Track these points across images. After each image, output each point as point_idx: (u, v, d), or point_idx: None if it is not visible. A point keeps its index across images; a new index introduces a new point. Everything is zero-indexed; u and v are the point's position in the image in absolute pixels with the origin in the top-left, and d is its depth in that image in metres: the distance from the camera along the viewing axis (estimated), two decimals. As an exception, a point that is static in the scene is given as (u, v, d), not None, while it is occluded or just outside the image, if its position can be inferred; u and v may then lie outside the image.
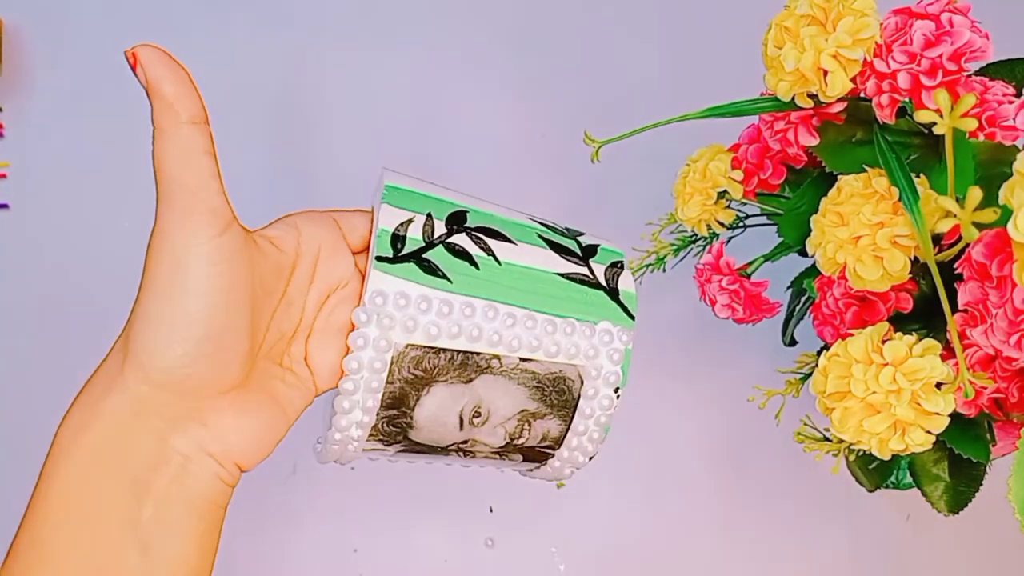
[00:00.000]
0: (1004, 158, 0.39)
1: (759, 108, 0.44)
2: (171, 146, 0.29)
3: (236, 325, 0.30)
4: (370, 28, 0.73)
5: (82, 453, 0.29)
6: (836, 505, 0.61)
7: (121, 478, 0.29)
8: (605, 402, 0.37)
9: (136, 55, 0.29)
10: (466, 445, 0.37)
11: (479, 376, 0.35)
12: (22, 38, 0.70)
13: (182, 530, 0.30)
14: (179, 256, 0.29)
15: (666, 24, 0.74)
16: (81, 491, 0.29)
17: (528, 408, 0.36)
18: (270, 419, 0.32)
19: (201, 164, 0.29)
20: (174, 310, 0.29)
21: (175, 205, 0.29)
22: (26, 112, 0.69)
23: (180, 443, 0.30)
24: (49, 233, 0.66)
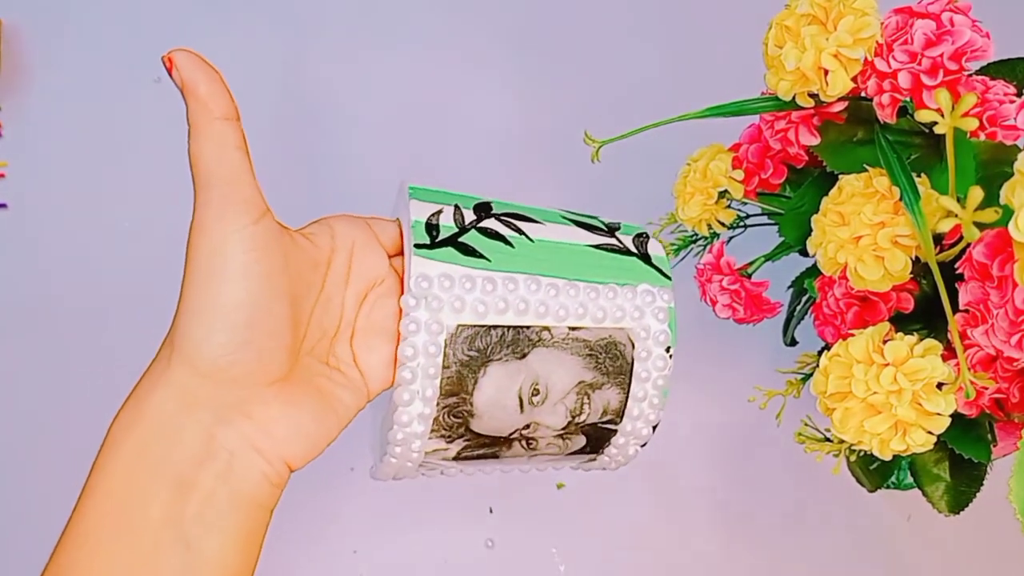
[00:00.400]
0: (1005, 158, 0.39)
1: (760, 107, 0.44)
2: (205, 141, 0.30)
3: (276, 313, 0.31)
4: (370, 28, 0.73)
5: (129, 448, 0.29)
6: (837, 505, 0.61)
7: (166, 474, 0.29)
8: (660, 363, 0.37)
9: (172, 59, 0.31)
10: (528, 431, 0.37)
11: (532, 350, 0.35)
12: (22, 38, 0.70)
13: (225, 529, 0.30)
14: (217, 245, 0.30)
15: (666, 24, 0.74)
16: (127, 486, 0.29)
17: (585, 379, 0.36)
18: (317, 414, 0.32)
19: (234, 158, 0.30)
20: (214, 298, 0.29)
21: (211, 197, 0.30)
22: (25, 112, 0.69)
23: (226, 438, 0.30)
24: (48, 233, 0.66)
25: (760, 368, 0.51)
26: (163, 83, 0.70)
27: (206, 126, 0.30)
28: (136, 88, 0.70)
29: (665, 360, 0.37)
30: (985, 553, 0.60)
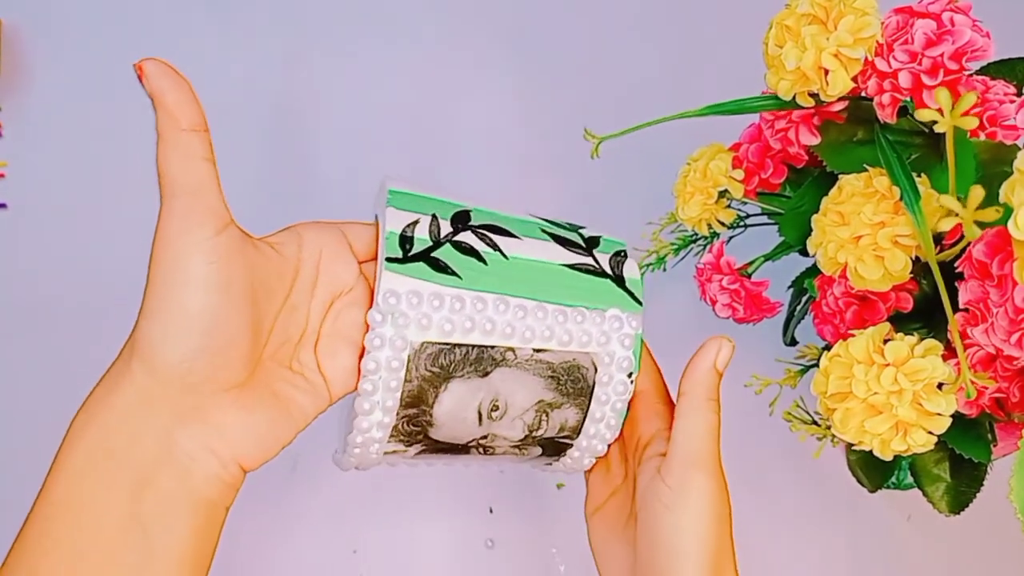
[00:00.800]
0: (1005, 157, 0.39)
1: (760, 107, 0.44)
2: (172, 151, 0.31)
3: (235, 322, 0.31)
4: (370, 28, 0.73)
5: (89, 443, 0.30)
6: (837, 506, 0.61)
7: (127, 470, 0.30)
8: (620, 388, 0.37)
9: (142, 67, 0.31)
10: (486, 440, 0.37)
11: (495, 369, 0.36)
12: (21, 38, 0.70)
13: (182, 526, 0.31)
14: (179, 254, 0.30)
15: (667, 23, 0.73)
16: (87, 480, 0.30)
17: (545, 398, 0.37)
18: (273, 419, 0.33)
19: (199, 168, 0.31)
20: (174, 305, 0.30)
21: (175, 206, 0.31)
22: (25, 112, 0.69)
23: (184, 440, 0.31)
24: (48, 233, 0.66)
25: (760, 368, 0.51)
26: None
27: (173, 136, 0.31)
28: (136, 88, 0.70)
29: (626, 385, 0.37)
30: (985, 553, 0.60)
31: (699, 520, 0.36)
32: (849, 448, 0.50)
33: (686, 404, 0.37)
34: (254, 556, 0.60)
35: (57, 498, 0.30)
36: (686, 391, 0.37)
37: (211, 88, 0.71)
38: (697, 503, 0.35)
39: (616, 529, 0.40)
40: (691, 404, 0.37)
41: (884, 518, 0.61)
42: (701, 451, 0.36)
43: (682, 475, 0.36)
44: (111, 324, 0.64)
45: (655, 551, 0.36)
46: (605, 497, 0.41)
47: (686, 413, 0.37)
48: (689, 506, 0.35)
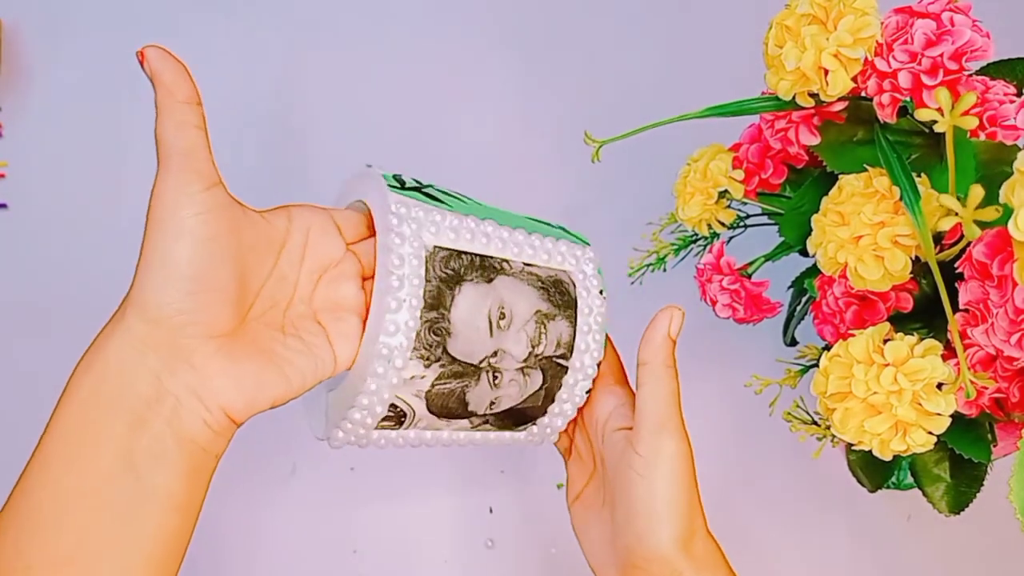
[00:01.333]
0: (1005, 157, 0.39)
1: (760, 107, 0.44)
2: (168, 119, 0.34)
3: (221, 271, 0.34)
4: (369, 28, 0.73)
5: (87, 387, 0.33)
6: (837, 506, 0.61)
7: (120, 411, 0.32)
8: (596, 302, 0.42)
9: (144, 53, 0.34)
10: (495, 359, 0.40)
11: (497, 277, 0.40)
12: (21, 38, 0.70)
13: (172, 465, 0.33)
14: (170, 206, 0.33)
15: (666, 24, 0.74)
16: (84, 420, 0.32)
17: (541, 308, 0.41)
18: (259, 371, 0.35)
19: (192, 134, 0.34)
20: (165, 253, 0.33)
21: (169, 167, 0.33)
22: (25, 111, 0.69)
23: (172, 384, 0.33)
24: (48, 232, 0.66)
25: (760, 368, 0.51)
26: (163, 83, 0.71)
27: (169, 106, 0.34)
28: (136, 88, 0.70)
29: (600, 300, 0.42)
30: (985, 553, 0.60)
31: (672, 483, 0.38)
32: (849, 448, 0.50)
33: (647, 373, 0.40)
34: (254, 555, 0.60)
35: (53, 443, 0.32)
36: (645, 360, 0.40)
37: (211, 88, 0.71)
38: (668, 466, 0.38)
39: (594, 510, 0.43)
40: (652, 372, 0.39)
41: (884, 518, 0.61)
42: (667, 415, 0.39)
43: (652, 442, 0.39)
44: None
45: (632, 518, 0.39)
46: (582, 484, 0.44)
47: (648, 381, 0.39)
48: (661, 470, 0.38)
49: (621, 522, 0.40)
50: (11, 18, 0.70)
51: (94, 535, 0.32)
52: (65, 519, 0.32)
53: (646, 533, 0.38)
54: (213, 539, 0.60)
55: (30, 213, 0.67)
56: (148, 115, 0.32)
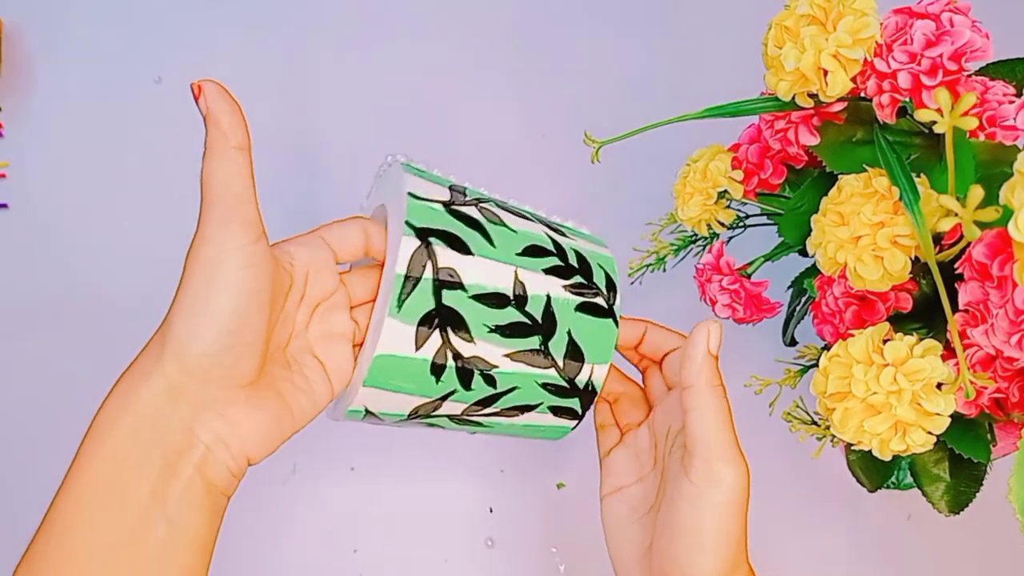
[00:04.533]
0: (1004, 158, 0.39)
1: (759, 108, 0.44)
2: (220, 164, 0.34)
3: (257, 324, 0.35)
4: (369, 28, 0.73)
5: (121, 432, 0.33)
6: (837, 505, 0.61)
7: (156, 457, 0.33)
8: None
9: (202, 88, 0.34)
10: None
11: None
12: (22, 38, 0.70)
13: (199, 510, 0.34)
14: (217, 257, 0.33)
15: (666, 24, 0.74)
16: (119, 464, 0.33)
17: None
18: (277, 416, 0.36)
19: (243, 182, 0.35)
20: (209, 304, 0.33)
21: (217, 214, 0.34)
22: (26, 112, 0.69)
23: (203, 433, 0.34)
24: (48, 233, 0.66)
25: (759, 368, 0.51)
26: (163, 83, 0.71)
27: (223, 152, 0.34)
28: (137, 88, 0.70)
29: None
30: (985, 553, 0.60)
31: (722, 515, 0.37)
32: (848, 448, 0.50)
33: (693, 397, 0.38)
34: (254, 555, 0.60)
35: (88, 482, 0.33)
36: (689, 383, 0.38)
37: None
38: (722, 498, 0.37)
39: (638, 513, 0.42)
40: (698, 396, 0.37)
41: (884, 518, 0.61)
42: (719, 442, 0.37)
43: (705, 471, 0.37)
44: (110, 322, 0.64)
45: (674, 542, 0.37)
46: (630, 481, 0.43)
47: (695, 406, 0.38)
48: (713, 501, 0.37)
49: (663, 541, 0.38)
50: (12, 18, 0.70)
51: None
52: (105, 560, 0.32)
53: (687, 562, 0.37)
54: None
55: (30, 213, 0.67)
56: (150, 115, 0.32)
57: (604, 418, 0.45)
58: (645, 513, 0.42)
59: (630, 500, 0.42)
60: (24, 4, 0.71)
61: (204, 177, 0.34)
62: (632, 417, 0.45)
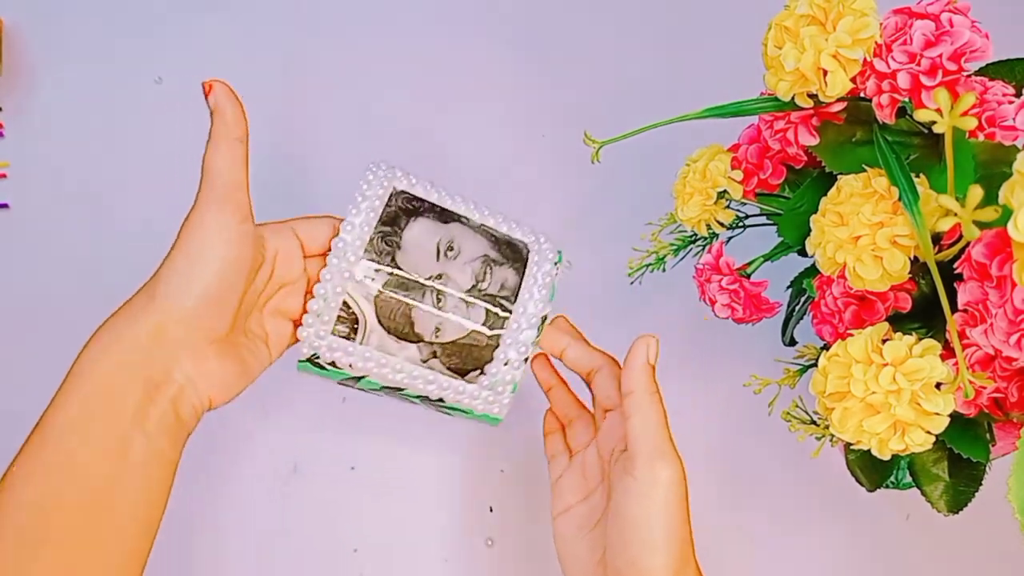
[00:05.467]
0: (1004, 158, 0.39)
1: (759, 108, 0.44)
2: (221, 153, 0.40)
3: (235, 289, 0.41)
4: (369, 28, 0.73)
5: (110, 360, 0.39)
6: (835, 505, 0.61)
7: (138, 384, 0.39)
8: (548, 265, 0.47)
9: (212, 86, 0.41)
10: (441, 282, 0.45)
11: (453, 222, 0.47)
12: (23, 38, 0.70)
13: (170, 437, 0.40)
14: (209, 231, 0.40)
15: (666, 24, 0.74)
16: (107, 388, 0.38)
17: (489, 254, 0.47)
18: (236, 371, 0.42)
19: (239, 170, 0.41)
20: (200, 269, 0.40)
21: (215, 194, 0.40)
22: (26, 112, 0.69)
23: (178, 373, 0.40)
24: (49, 232, 0.66)
25: (759, 368, 0.51)
26: (164, 83, 0.71)
27: (225, 141, 0.40)
28: (137, 88, 0.70)
29: (552, 265, 0.47)
30: (984, 553, 0.60)
31: (667, 510, 0.41)
32: (848, 448, 0.50)
33: (633, 402, 0.42)
34: (254, 555, 0.60)
35: (79, 399, 0.38)
36: (630, 390, 0.43)
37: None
38: (664, 493, 0.41)
39: (585, 528, 0.46)
40: (638, 401, 0.42)
41: (883, 517, 0.61)
42: (658, 441, 0.42)
43: (648, 468, 0.41)
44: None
45: (627, 543, 0.41)
46: (577, 500, 0.47)
47: (635, 411, 0.42)
48: (657, 496, 0.41)
49: (617, 544, 0.42)
50: (12, 18, 0.70)
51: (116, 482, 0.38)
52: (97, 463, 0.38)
53: (640, 558, 0.41)
54: (214, 538, 0.60)
55: (32, 213, 0.67)
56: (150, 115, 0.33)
57: (555, 448, 0.50)
58: (592, 528, 0.45)
59: (577, 518, 0.46)
60: (25, 4, 0.71)
61: (206, 162, 0.40)
62: (583, 439, 0.49)
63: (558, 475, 0.49)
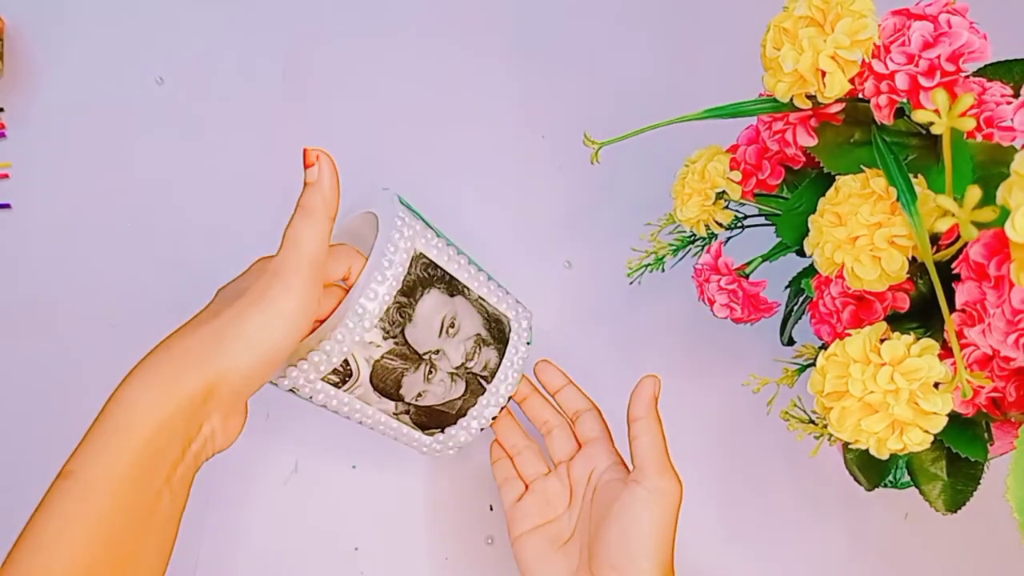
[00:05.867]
0: (1002, 159, 0.39)
1: (758, 109, 0.44)
2: (311, 227, 0.41)
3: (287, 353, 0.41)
4: (369, 29, 0.73)
5: (159, 418, 0.38)
6: (834, 504, 0.61)
7: (178, 445, 0.39)
8: (523, 348, 0.52)
9: (319, 157, 0.41)
10: (436, 357, 0.48)
11: (457, 296, 0.49)
12: (24, 38, 0.70)
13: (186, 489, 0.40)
14: (294, 308, 0.40)
15: (665, 25, 0.74)
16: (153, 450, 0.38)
17: (481, 333, 0.50)
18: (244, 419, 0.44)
19: (326, 246, 0.41)
20: (273, 335, 0.40)
21: (303, 274, 0.40)
22: (28, 112, 0.69)
23: (207, 427, 0.40)
24: (51, 233, 0.66)
25: (758, 368, 0.51)
26: (165, 84, 0.71)
27: (320, 219, 0.41)
28: (139, 89, 0.70)
29: (526, 348, 0.52)
30: (982, 552, 0.60)
31: (667, 518, 0.47)
32: (846, 447, 0.50)
33: (643, 426, 0.49)
34: (254, 555, 0.60)
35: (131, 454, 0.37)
36: (639, 416, 0.49)
37: (210, 90, 0.71)
38: (670, 502, 0.47)
39: (558, 543, 0.51)
40: (648, 425, 0.49)
41: (881, 517, 0.61)
42: (663, 459, 0.48)
43: (658, 480, 0.47)
44: (112, 323, 0.65)
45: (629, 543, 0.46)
46: (544, 521, 0.52)
47: (646, 432, 0.49)
48: (665, 504, 0.47)
49: (615, 547, 0.47)
50: (14, 18, 0.70)
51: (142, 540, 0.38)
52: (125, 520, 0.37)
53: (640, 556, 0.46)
54: (214, 538, 0.60)
55: (33, 214, 0.67)
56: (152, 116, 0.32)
57: (506, 472, 0.55)
58: (565, 543, 0.51)
59: (546, 537, 0.52)
60: (26, 5, 0.71)
61: (294, 232, 0.41)
62: (535, 469, 0.54)
63: (515, 498, 0.53)
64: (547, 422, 0.55)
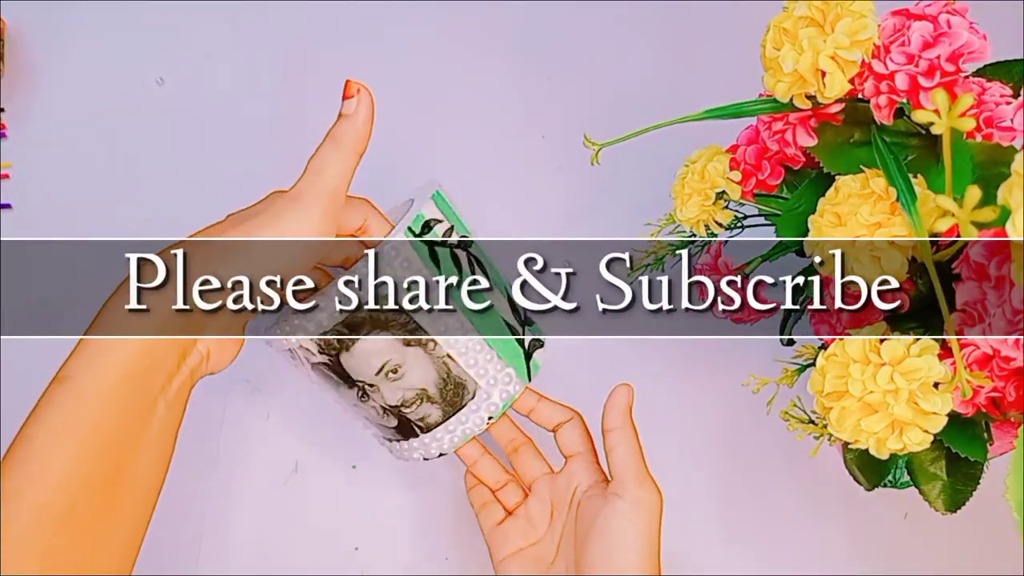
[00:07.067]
0: (1002, 159, 0.39)
1: (757, 110, 0.44)
2: (339, 162, 0.41)
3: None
4: (369, 29, 0.73)
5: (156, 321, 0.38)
6: (834, 504, 0.61)
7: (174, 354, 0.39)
8: (477, 420, 0.48)
9: (360, 90, 0.42)
10: (371, 389, 0.46)
11: (414, 347, 0.45)
12: (25, 39, 0.70)
13: (182, 402, 0.40)
14: (303, 238, 0.39)
15: (665, 26, 0.74)
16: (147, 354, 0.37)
17: (428, 390, 0.46)
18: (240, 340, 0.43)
19: (348, 180, 0.41)
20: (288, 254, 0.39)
21: (322, 202, 0.40)
22: (29, 113, 0.69)
23: (202, 344, 0.40)
24: (51, 233, 0.66)
25: (757, 368, 0.51)
26: (165, 84, 0.71)
27: (348, 152, 0.41)
28: (139, 89, 0.70)
29: (482, 422, 0.48)
30: (982, 552, 0.60)
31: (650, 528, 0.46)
32: (846, 447, 0.50)
33: (619, 436, 0.48)
34: (255, 554, 0.60)
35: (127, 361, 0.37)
36: (614, 426, 0.48)
37: (211, 91, 0.72)
38: (650, 513, 0.46)
39: (544, 564, 0.50)
40: (624, 435, 0.48)
41: (880, 516, 0.61)
42: (641, 469, 0.47)
43: (637, 491, 0.46)
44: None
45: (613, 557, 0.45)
46: (527, 544, 0.51)
47: (620, 444, 0.48)
48: (645, 514, 0.46)
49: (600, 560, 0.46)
50: (15, 19, 0.70)
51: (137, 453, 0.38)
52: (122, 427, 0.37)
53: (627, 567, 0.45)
54: (215, 537, 0.60)
55: (34, 214, 0.67)
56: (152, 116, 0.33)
57: (482, 498, 0.53)
58: (552, 563, 0.50)
59: (531, 558, 0.50)
60: (27, 5, 0.71)
61: (320, 161, 0.40)
62: (516, 498, 0.52)
63: (496, 522, 0.52)
64: (512, 440, 0.53)
